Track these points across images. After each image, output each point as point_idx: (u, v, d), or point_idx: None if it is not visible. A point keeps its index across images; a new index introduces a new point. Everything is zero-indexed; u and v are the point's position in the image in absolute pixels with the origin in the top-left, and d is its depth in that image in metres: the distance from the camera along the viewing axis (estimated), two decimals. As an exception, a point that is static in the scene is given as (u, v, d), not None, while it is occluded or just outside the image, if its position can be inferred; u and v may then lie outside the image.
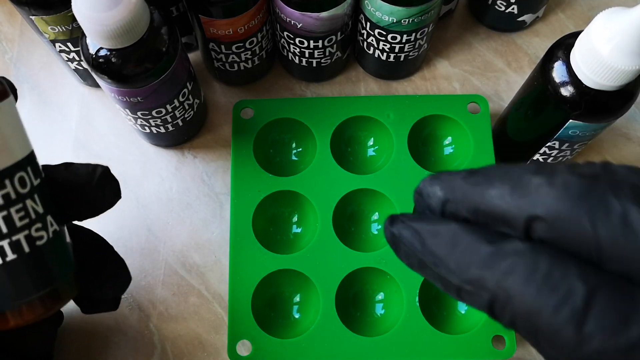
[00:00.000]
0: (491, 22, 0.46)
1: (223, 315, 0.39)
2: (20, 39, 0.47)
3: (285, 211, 0.41)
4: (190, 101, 0.39)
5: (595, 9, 0.47)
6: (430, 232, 0.20)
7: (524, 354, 0.38)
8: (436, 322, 0.37)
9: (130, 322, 0.39)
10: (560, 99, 0.33)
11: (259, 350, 0.36)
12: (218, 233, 0.41)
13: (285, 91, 0.45)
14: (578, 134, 0.35)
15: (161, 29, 0.33)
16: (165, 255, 0.40)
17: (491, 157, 0.40)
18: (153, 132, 0.40)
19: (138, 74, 0.33)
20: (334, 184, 0.40)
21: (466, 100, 0.42)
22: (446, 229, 0.19)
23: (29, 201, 0.24)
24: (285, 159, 0.42)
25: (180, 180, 0.42)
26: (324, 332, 0.37)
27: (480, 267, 0.18)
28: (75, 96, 0.45)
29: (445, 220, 0.20)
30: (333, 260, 0.38)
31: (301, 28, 0.38)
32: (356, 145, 0.43)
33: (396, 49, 0.41)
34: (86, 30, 0.31)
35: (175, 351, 0.38)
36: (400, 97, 0.42)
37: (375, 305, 0.39)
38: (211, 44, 0.39)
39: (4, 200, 0.23)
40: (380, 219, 0.41)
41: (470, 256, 0.18)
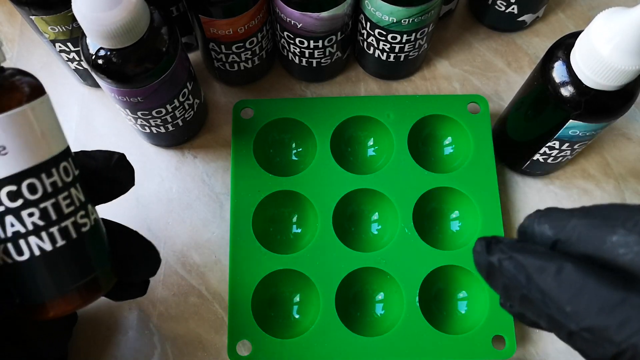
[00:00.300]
0: (491, 22, 0.46)
1: (223, 315, 0.39)
2: (20, 39, 0.47)
3: (285, 211, 0.41)
4: (190, 101, 0.39)
5: (595, 9, 0.47)
6: (538, 268, 0.18)
7: (524, 354, 0.38)
8: (436, 322, 0.37)
9: (130, 322, 0.39)
10: (560, 99, 0.33)
11: (259, 350, 0.36)
12: (218, 233, 0.41)
13: (285, 91, 0.45)
14: (578, 134, 0.35)
15: (161, 29, 0.33)
16: (166, 255, 0.40)
17: (491, 157, 0.40)
18: (153, 132, 0.40)
19: (138, 74, 0.33)
20: (334, 184, 0.40)
21: (466, 100, 0.42)
22: (560, 266, 0.17)
23: (73, 189, 0.25)
24: (285, 159, 0.42)
25: (180, 180, 0.42)
26: (324, 332, 0.37)
27: (606, 316, 0.16)
28: (75, 96, 0.45)
29: (557, 255, 0.18)
30: (333, 260, 0.38)
31: (301, 28, 0.38)
32: (356, 145, 0.43)
33: (396, 49, 0.41)
34: (86, 30, 0.31)
35: (175, 351, 0.38)
36: (400, 97, 0.42)
37: (375, 305, 0.39)
38: (211, 44, 0.39)
39: (53, 188, 0.25)
40: (380, 219, 0.41)
41: (593, 302, 0.16)
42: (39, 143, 0.24)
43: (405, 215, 0.39)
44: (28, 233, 0.24)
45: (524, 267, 0.18)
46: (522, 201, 0.42)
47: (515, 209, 0.42)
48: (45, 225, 0.24)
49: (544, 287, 0.17)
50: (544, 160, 0.39)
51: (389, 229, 0.40)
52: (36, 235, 0.24)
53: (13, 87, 0.24)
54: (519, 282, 0.18)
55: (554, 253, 0.18)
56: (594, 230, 0.18)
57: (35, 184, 0.24)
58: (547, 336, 0.39)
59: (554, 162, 0.39)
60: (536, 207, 0.42)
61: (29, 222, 0.24)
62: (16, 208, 0.24)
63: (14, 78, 0.25)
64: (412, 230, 0.39)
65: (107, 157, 0.27)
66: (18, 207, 0.24)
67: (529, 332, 0.39)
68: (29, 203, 0.24)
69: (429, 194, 0.40)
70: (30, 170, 0.24)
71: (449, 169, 0.41)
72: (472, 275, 0.38)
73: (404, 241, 0.38)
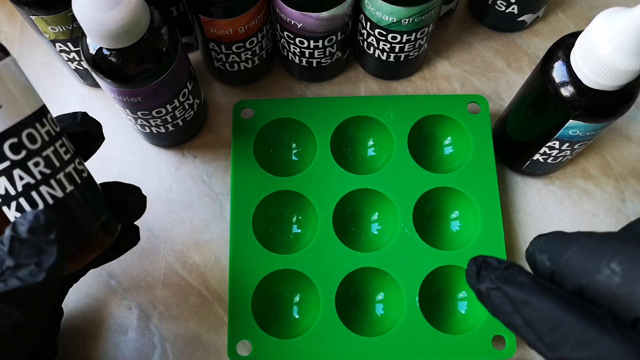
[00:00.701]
0: (491, 22, 0.46)
1: (223, 315, 0.39)
2: (20, 39, 0.47)
3: (285, 211, 0.41)
4: (190, 101, 0.39)
5: (595, 9, 0.47)
6: (522, 300, 0.20)
7: (524, 354, 0.38)
8: (436, 322, 0.37)
9: (130, 322, 0.39)
10: (560, 99, 0.33)
11: (259, 350, 0.36)
12: (218, 233, 0.41)
13: (285, 91, 0.45)
14: (578, 134, 0.35)
15: (161, 29, 0.33)
16: (166, 256, 0.40)
17: (491, 157, 0.40)
18: (153, 132, 0.40)
19: (138, 74, 0.33)
20: (334, 184, 0.40)
21: (466, 100, 0.42)
22: (541, 300, 0.19)
23: (64, 138, 0.26)
24: (285, 159, 0.42)
25: (180, 180, 0.42)
26: (324, 332, 0.37)
27: (580, 351, 0.18)
28: (75, 96, 0.45)
29: (541, 289, 0.20)
30: (333, 260, 0.38)
31: (301, 28, 0.38)
32: (356, 146, 0.43)
33: (396, 48, 0.41)
34: (86, 30, 0.31)
35: (175, 351, 0.38)
36: (400, 97, 0.42)
37: (375, 305, 0.39)
38: (211, 44, 0.39)
39: (49, 136, 0.25)
40: (380, 219, 0.41)
41: (569, 336, 0.18)
42: (27, 94, 0.25)
43: (405, 215, 0.39)
44: (38, 183, 0.25)
45: (510, 299, 0.20)
46: (522, 201, 0.42)
47: (515, 209, 0.42)
48: (52, 172, 0.25)
49: (527, 318, 0.19)
50: (544, 160, 0.39)
51: (389, 229, 0.40)
52: (46, 184, 0.25)
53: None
54: (505, 311, 0.20)
55: (539, 285, 0.20)
56: (585, 264, 0.19)
57: (33, 133, 0.25)
58: (547, 336, 0.39)
59: (554, 162, 0.39)
60: (536, 207, 0.42)
61: (36, 172, 0.25)
62: (21, 160, 0.25)
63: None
64: (412, 230, 0.39)
65: (72, 116, 0.29)
66: (23, 158, 0.25)
67: (529, 332, 0.39)
68: (32, 152, 0.25)
69: (428, 194, 0.40)
70: (26, 121, 0.24)
71: (449, 169, 0.41)
72: (472, 275, 0.38)
73: (404, 241, 0.38)
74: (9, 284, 0.24)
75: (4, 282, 0.24)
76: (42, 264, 0.24)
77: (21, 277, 0.24)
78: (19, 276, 0.24)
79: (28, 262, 0.24)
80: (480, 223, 0.39)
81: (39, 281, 0.24)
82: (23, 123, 0.24)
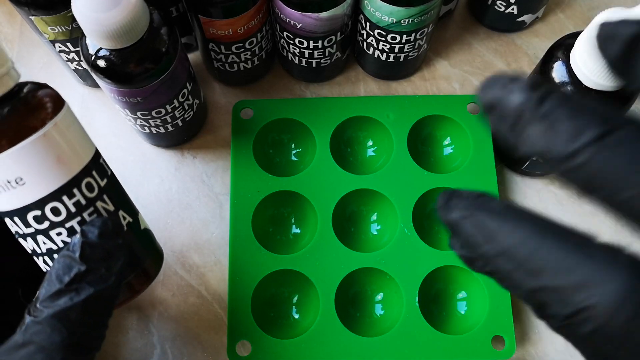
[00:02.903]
0: (491, 23, 0.46)
1: (223, 316, 0.39)
2: (20, 39, 0.47)
3: (285, 211, 0.41)
4: (190, 101, 0.39)
5: (595, 10, 0.47)
6: (497, 227, 0.18)
7: (524, 355, 0.38)
8: (436, 323, 0.37)
9: (130, 322, 0.39)
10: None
11: (258, 350, 0.36)
12: (218, 233, 0.41)
13: (285, 91, 0.45)
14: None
15: (161, 29, 0.33)
16: (165, 256, 0.40)
17: (491, 158, 0.40)
18: (153, 133, 0.40)
19: (138, 75, 0.33)
20: (333, 184, 0.40)
21: (466, 100, 0.42)
22: (517, 227, 0.17)
23: (99, 203, 0.26)
24: (285, 159, 0.42)
25: (180, 180, 0.42)
26: (324, 332, 0.37)
27: (563, 276, 0.16)
28: (75, 96, 0.45)
29: (517, 215, 0.18)
30: (332, 261, 0.38)
31: (301, 28, 0.38)
32: (356, 146, 0.43)
33: (396, 49, 0.41)
34: (86, 31, 0.31)
35: (174, 351, 0.38)
36: (399, 97, 0.42)
37: (375, 305, 0.39)
38: (211, 44, 0.39)
39: (76, 207, 0.25)
40: (380, 219, 0.41)
41: (550, 261, 0.17)
42: (55, 168, 0.25)
43: (405, 215, 0.39)
44: (60, 249, 0.26)
45: (482, 227, 0.18)
46: (521, 201, 0.42)
47: (514, 209, 0.42)
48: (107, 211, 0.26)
49: (502, 246, 0.17)
50: (544, 161, 0.39)
51: (388, 229, 0.40)
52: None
53: (37, 106, 0.25)
54: (477, 242, 0.18)
55: (513, 211, 0.18)
56: None
57: (58, 207, 0.25)
58: (547, 337, 0.39)
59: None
60: (536, 208, 0.42)
61: (58, 240, 0.26)
62: (45, 229, 0.25)
63: (36, 95, 0.25)
64: (412, 231, 0.39)
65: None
66: (46, 228, 0.25)
67: (529, 333, 0.39)
68: (55, 224, 0.25)
69: (428, 194, 0.40)
70: (50, 196, 0.25)
71: (449, 169, 0.41)
72: (472, 275, 0.38)
73: (403, 241, 0.38)
74: (82, 293, 0.24)
75: (77, 292, 0.24)
76: (112, 268, 0.25)
77: (91, 282, 0.24)
78: (89, 282, 0.24)
79: (98, 266, 0.25)
80: (480, 223, 0.39)
81: (109, 285, 0.25)
82: (46, 198, 0.25)
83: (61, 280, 0.24)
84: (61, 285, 0.24)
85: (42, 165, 0.24)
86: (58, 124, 0.25)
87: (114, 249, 0.25)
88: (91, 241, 0.25)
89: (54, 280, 0.24)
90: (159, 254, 0.32)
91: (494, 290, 0.37)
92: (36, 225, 0.25)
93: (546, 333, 0.39)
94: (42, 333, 0.23)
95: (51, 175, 0.25)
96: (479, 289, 0.38)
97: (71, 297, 0.24)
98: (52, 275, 0.24)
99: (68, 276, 0.24)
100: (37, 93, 0.25)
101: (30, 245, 0.26)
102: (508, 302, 0.37)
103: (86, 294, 0.24)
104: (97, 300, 0.25)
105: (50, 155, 0.24)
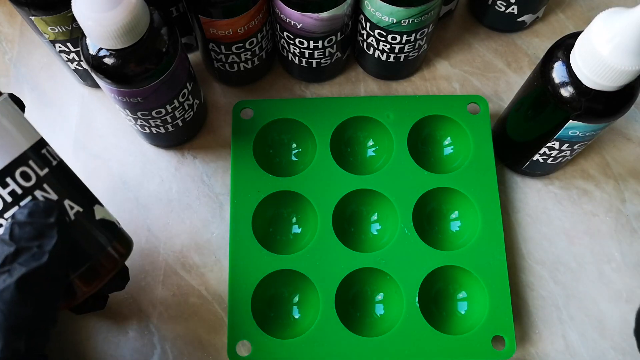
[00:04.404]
0: (491, 23, 0.46)
1: (223, 316, 0.39)
2: (20, 39, 0.47)
3: (285, 211, 0.41)
4: (190, 101, 0.39)
5: (595, 10, 0.47)
6: None
7: (524, 355, 0.38)
8: (436, 323, 0.37)
9: (130, 322, 0.39)
10: (560, 100, 0.33)
11: (258, 350, 0.36)
12: (218, 233, 0.41)
13: (285, 91, 0.45)
14: (578, 135, 0.35)
15: (161, 29, 0.33)
16: (165, 256, 0.40)
17: (491, 158, 0.40)
18: (153, 133, 0.40)
19: (138, 75, 0.33)
20: (333, 184, 0.40)
21: (466, 100, 0.42)
22: None
23: (38, 192, 0.26)
24: (285, 160, 0.42)
25: (180, 180, 0.42)
26: (324, 332, 0.37)
27: None
28: (75, 97, 0.45)
29: None
30: (333, 261, 0.38)
31: (301, 28, 0.38)
32: (356, 146, 0.43)
33: (396, 49, 0.41)
34: (86, 31, 0.31)
35: (175, 351, 0.38)
36: (400, 97, 0.42)
37: (375, 305, 0.39)
38: (211, 45, 0.39)
39: (12, 197, 0.25)
40: (380, 219, 0.41)
41: None
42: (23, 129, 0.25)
43: (405, 215, 0.39)
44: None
45: None
46: (521, 201, 0.42)
47: (514, 209, 0.42)
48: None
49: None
50: (544, 161, 0.39)
51: (388, 230, 0.40)
52: None
53: None
54: None
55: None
56: None
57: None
58: (547, 336, 0.39)
59: (554, 162, 0.39)
60: (536, 208, 0.42)
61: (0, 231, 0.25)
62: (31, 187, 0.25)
63: None
64: (412, 231, 0.39)
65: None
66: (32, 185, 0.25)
67: (529, 333, 0.39)
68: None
69: (428, 194, 0.40)
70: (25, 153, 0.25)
71: (449, 169, 0.41)
72: (472, 275, 0.38)
73: (403, 241, 0.38)
74: (14, 274, 0.23)
75: (9, 273, 0.23)
76: (44, 246, 0.24)
77: (23, 262, 0.24)
78: (21, 262, 0.24)
79: (29, 245, 0.24)
80: (480, 223, 0.39)
81: (42, 263, 0.24)
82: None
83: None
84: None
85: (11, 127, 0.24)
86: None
87: (45, 227, 0.25)
88: (20, 220, 0.24)
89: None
90: (124, 244, 0.30)
91: (494, 290, 0.37)
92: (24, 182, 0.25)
93: (546, 333, 0.39)
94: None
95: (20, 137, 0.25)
96: (479, 289, 0.38)
97: (4, 279, 0.23)
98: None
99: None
100: None
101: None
102: (508, 302, 0.37)
103: (18, 273, 0.23)
104: (32, 280, 0.24)
105: (15, 119, 0.24)
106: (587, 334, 0.39)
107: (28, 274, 0.24)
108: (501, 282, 0.38)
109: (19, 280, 0.23)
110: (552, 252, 0.41)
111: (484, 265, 0.38)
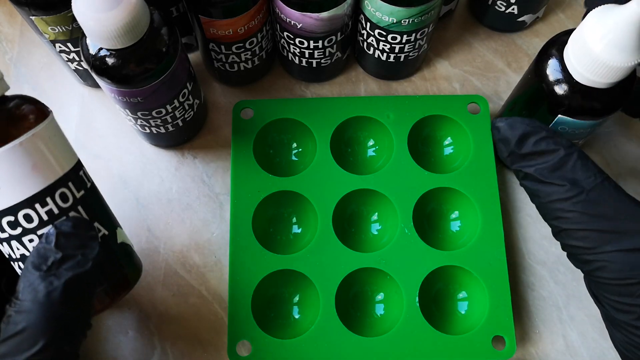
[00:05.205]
0: (491, 23, 0.46)
1: (223, 316, 0.39)
2: (20, 39, 0.47)
3: (285, 211, 0.41)
4: (190, 101, 0.39)
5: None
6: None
7: (524, 355, 0.38)
8: (436, 323, 0.37)
9: (130, 322, 0.39)
10: (553, 96, 0.33)
11: (258, 350, 0.36)
12: (218, 233, 0.41)
13: (285, 91, 0.45)
14: (567, 131, 0.35)
15: (161, 29, 0.33)
16: (165, 256, 0.40)
17: (491, 158, 0.40)
18: (153, 133, 0.40)
19: (138, 75, 0.33)
20: (333, 184, 0.40)
21: (466, 100, 0.42)
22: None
23: (72, 214, 0.27)
24: (285, 160, 0.42)
25: (180, 180, 0.42)
26: (324, 332, 0.37)
27: None
28: (75, 96, 0.45)
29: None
30: (333, 261, 0.38)
31: (301, 28, 0.38)
32: (356, 146, 0.43)
33: (396, 49, 0.41)
34: (86, 31, 0.31)
35: (175, 351, 0.38)
36: (400, 97, 0.42)
37: (375, 305, 0.39)
38: (211, 45, 0.39)
39: (49, 215, 0.26)
40: (380, 219, 0.41)
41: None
42: (30, 176, 0.26)
43: (405, 215, 0.39)
44: None
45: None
46: (522, 201, 0.42)
47: (515, 209, 0.42)
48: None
49: None
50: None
51: (388, 230, 0.40)
52: None
53: (19, 117, 0.26)
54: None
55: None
56: None
57: (30, 214, 0.26)
58: (547, 336, 0.39)
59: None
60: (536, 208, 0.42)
61: (30, 247, 0.27)
62: (17, 235, 0.26)
63: (20, 106, 0.27)
64: (412, 231, 0.39)
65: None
66: (19, 234, 0.26)
67: (529, 333, 0.39)
68: (27, 231, 0.26)
69: (428, 194, 0.40)
70: (23, 203, 0.26)
71: (449, 169, 0.41)
72: (472, 275, 0.38)
73: (403, 241, 0.38)
74: (61, 277, 0.25)
75: (56, 276, 0.25)
76: (87, 255, 0.26)
77: (69, 268, 0.26)
78: (67, 268, 0.26)
79: (75, 253, 0.26)
80: (480, 223, 0.39)
81: (87, 270, 0.26)
82: (19, 205, 0.26)
83: (39, 269, 0.25)
84: (40, 273, 0.25)
85: (17, 173, 0.25)
86: (36, 135, 0.26)
87: (88, 239, 0.27)
88: (65, 231, 0.26)
89: (31, 270, 0.25)
90: (136, 269, 0.33)
91: (495, 290, 0.37)
92: (10, 230, 0.26)
93: (547, 333, 0.39)
94: (24, 321, 0.24)
95: (25, 183, 0.26)
96: (480, 289, 0.38)
97: (51, 281, 0.25)
98: (29, 267, 0.25)
99: (45, 265, 0.25)
100: (22, 105, 0.26)
101: (6, 251, 0.27)
102: (508, 302, 0.37)
103: (65, 277, 0.25)
104: (77, 284, 0.26)
105: (25, 163, 0.25)
106: (588, 334, 0.39)
107: (74, 278, 0.25)
108: (501, 282, 0.38)
109: (66, 283, 0.25)
110: (552, 252, 0.41)
111: (484, 265, 0.38)
